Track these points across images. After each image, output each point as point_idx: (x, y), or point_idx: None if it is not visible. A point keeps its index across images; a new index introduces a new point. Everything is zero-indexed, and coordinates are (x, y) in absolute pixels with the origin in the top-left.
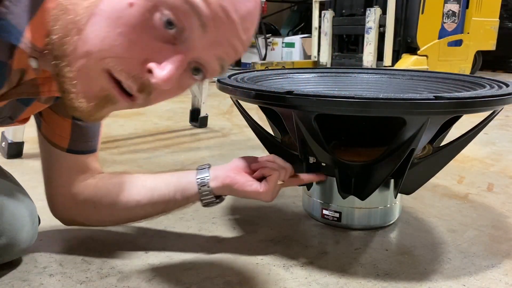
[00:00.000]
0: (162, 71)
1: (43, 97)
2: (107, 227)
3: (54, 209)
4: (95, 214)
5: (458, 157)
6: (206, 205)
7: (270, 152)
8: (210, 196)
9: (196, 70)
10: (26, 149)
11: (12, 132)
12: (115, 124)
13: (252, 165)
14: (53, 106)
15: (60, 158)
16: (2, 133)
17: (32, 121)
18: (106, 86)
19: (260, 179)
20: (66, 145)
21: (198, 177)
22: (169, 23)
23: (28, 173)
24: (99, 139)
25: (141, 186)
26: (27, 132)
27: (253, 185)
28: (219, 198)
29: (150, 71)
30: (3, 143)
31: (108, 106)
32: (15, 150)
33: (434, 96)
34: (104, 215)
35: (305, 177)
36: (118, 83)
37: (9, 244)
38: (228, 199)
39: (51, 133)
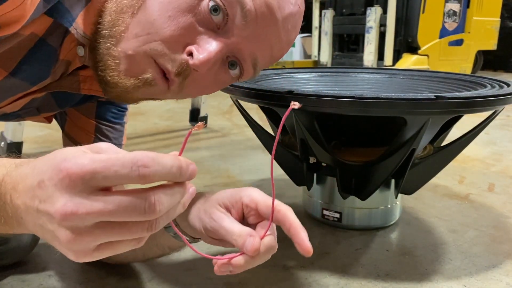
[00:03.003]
0: (201, 54)
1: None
2: None
3: None
4: None
5: (459, 157)
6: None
7: (270, 152)
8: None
9: (232, 65)
10: (25, 149)
11: (11, 132)
12: None
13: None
14: (79, 108)
15: None
16: (1, 133)
17: (30, 121)
18: (150, 69)
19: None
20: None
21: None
22: (215, 10)
23: None
24: (122, 148)
25: None
26: (26, 132)
27: None
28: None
29: (190, 54)
30: (2, 143)
31: (145, 87)
32: (14, 150)
33: (435, 96)
34: None
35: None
36: (161, 69)
37: (17, 247)
38: None
39: (75, 130)
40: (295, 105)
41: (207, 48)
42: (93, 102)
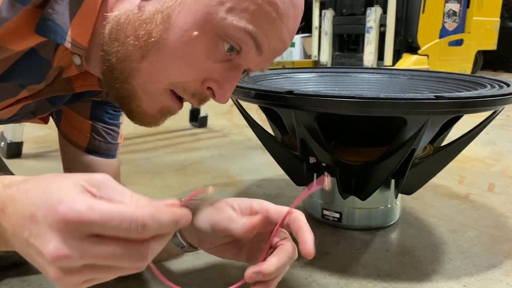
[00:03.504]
0: (222, 90)
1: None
2: None
3: None
4: None
5: (459, 157)
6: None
7: (270, 152)
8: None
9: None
10: (25, 149)
11: (11, 132)
12: None
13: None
14: (74, 107)
15: (79, 159)
16: (1, 133)
17: (30, 123)
18: (169, 102)
19: None
20: (85, 144)
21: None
22: (231, 49)
23: (27, 173)
24: (119, 147)
25: None
26: (26, 133)
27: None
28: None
29: (209, 88)
30: (2, 143)
31: (167, 116)
32: (14, 150)
33: (435, 96)
34: None
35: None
36: (178, 97)
37: None
38: None
39: (70, 129)
40: (324, 182)
41: (226, 85)
42: (87, 101)
